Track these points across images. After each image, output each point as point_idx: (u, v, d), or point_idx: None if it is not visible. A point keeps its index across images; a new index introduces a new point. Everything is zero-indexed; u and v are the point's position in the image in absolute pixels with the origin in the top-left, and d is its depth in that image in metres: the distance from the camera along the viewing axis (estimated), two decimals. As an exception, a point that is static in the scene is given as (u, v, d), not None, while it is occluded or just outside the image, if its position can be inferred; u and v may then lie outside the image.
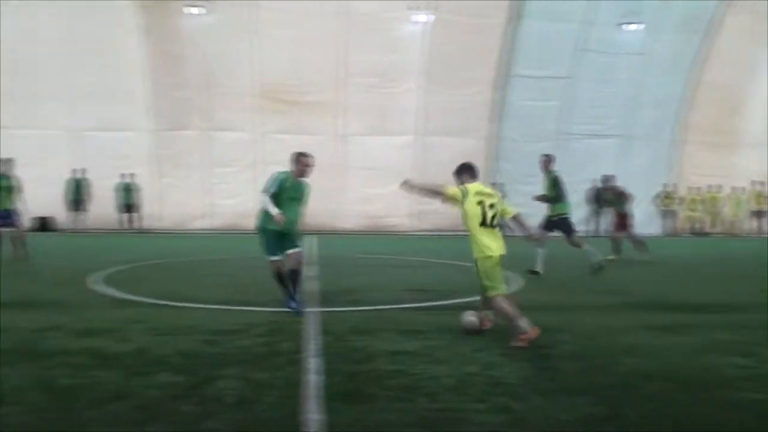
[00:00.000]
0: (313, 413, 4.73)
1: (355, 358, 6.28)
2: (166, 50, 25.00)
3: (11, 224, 15.12)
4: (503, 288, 7.26)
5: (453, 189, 7.24)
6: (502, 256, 7.15)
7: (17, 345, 6.73)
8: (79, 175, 25.47)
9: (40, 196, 26.31)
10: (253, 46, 24.68)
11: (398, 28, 24.92)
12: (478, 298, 7.52)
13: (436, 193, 7.43)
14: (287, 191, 8.79)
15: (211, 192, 26.19)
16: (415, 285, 11.44)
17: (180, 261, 15.44)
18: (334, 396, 5.10)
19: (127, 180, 25.48)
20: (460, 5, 24.09)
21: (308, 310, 8.65)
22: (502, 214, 7.31)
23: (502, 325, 7.21)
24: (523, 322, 6.89)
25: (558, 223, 13.45)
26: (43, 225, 25.09)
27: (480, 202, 7.08)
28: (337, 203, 26.05)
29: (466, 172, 7.43)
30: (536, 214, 13.49)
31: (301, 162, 8.88)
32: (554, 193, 13.32)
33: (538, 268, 12.89)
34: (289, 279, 8.80)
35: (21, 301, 9.52)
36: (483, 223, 7.07)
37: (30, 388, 5.28)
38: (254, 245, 12.60)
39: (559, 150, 25.81)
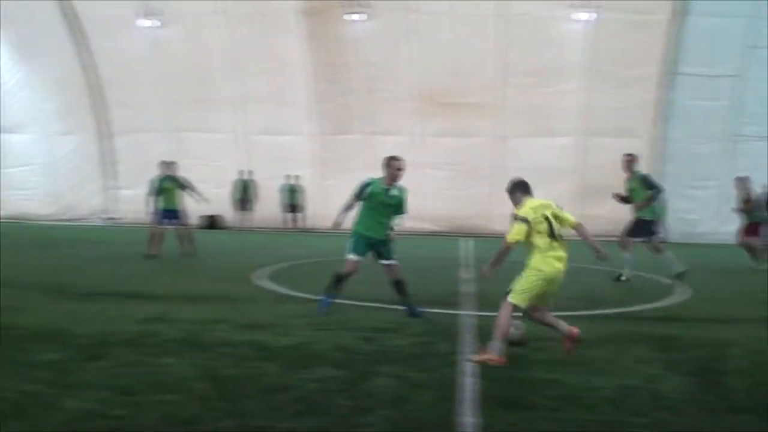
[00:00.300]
0: (468, 416, 4.71)
1: (512, 365, 6.19)
2: (328, 56, 25.68)
3: (178, 223, 15.97)
4: (525, 304, 6.59)
5: (515, 230, 6.58)
6: (559, 273, 6.63)
7: (185, 336, 7.12)
8: (246, 176, 26.66)
9: (209, 196, 27.84)
10: (413, 50, 24.88)
11: (558, 27, 24.31)
12: (640, 308, 7.24)
13: (507, 249, 6.67)
14: (376, 197, 8.55)
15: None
16: (574, 292, 11.11)
17: (340, 260, 15.76)
18: (490, 401, 5.05)
19: (292, 181, 26.39)
20: (622, 3, 23.24)
21: (424, 313, 8.57)
22: (561, 223, 6.74)
23: (664, 335, 6.93)
24: (500, 345, 6.29)
25: (642, 224, 12.73)
26: (212, 223, 26.39)
27: (543, 216, 6.63)
28: (495, 205, 25.77)
29: (518, 189, 7.03)
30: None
31: (392, 166, 8.61)
32: (648, 194, 12.56)
33: (681, 268, 12.24)
34: (395, 289, 8.68)
35: (189, 295, 10.05)
36: (551, 236, 6.61)
37: (195, 377, 5.57)
38: (409, 246, 12.77)
39: (728, 152, 24.52)
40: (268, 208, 26.83)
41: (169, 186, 15.79)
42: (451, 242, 21.60)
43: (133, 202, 24.56)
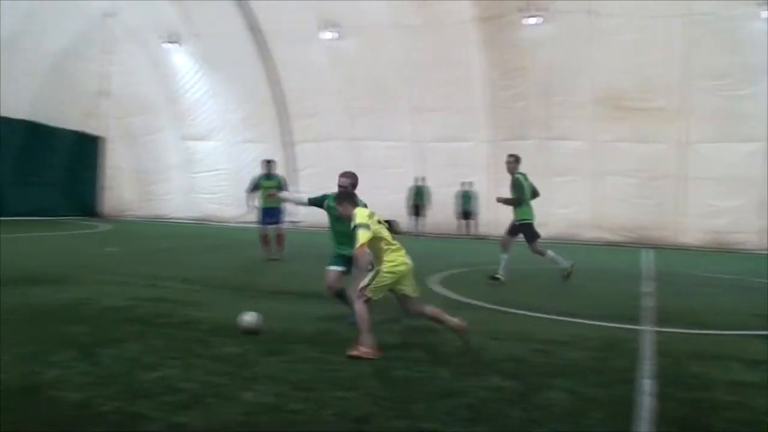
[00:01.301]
0: (643, 435, 4.55)
1: (692, 385, 5.87)
2: (504, 62, 25.61)
3: (277, 222, 16.12)
4: (377, 298, 6.73)
5: (361, 236, 6.47)
6: (410, 268, 6.86)
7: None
8: (420, 183, 27.04)
9: (385, 202, 28.52)
10: (591, 53, 24.33)
11: (746, 26, 22.86)
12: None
13: (360, 257, 6.54)
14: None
15: (547, 201, 26.28)
16: (764, 310, 10.46)
17: (512, 268, 15.65)
18: (666, 421, 4.84)
19: (467, 188, 26.49)
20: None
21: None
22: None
23: None
24: (370, 337, 6.48)
25: (520, 228, 12.77)
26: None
27: (378, 221, 6.82)
28: (677, 216, 24.74)
29: (346, 199, 7.14)
30: None
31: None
32: (516, 196, 12.70)
33: (500, 274, 12.39)
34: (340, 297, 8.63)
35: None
36: (391, 237, 6.83)
37: (369, 376, 5.71)
38: (588, 256, 12.48)
39: None
40: (441, 214, 27.10)
41: (270, 185, 15.85)
42: (631, 253, 20.88)
43: (312, 207, 25.84)
